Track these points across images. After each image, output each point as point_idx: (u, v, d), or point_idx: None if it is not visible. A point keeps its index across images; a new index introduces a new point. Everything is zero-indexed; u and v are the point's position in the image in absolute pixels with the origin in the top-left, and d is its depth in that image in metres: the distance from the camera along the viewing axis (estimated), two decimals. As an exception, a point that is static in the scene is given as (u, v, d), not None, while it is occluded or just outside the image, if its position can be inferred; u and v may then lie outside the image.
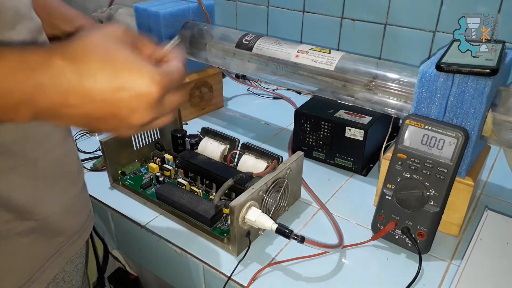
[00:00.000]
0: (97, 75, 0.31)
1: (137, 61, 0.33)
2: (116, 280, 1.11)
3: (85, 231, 0.53)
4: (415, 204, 0.53)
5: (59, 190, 0.47)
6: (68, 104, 0.31)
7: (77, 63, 0.31)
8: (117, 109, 0.32)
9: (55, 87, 0.30)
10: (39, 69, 0.30)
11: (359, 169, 0.71)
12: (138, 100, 0.32)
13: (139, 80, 0.32)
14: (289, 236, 0.51)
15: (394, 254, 0.55)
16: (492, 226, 0.57)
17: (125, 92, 0.32)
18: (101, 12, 0.99)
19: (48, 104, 0.30)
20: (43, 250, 0.47)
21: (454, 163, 0.50)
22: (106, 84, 0.31)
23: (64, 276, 0.51)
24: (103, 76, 0.31)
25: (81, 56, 0.31)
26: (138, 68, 0.32)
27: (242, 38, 0.73)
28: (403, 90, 0.57)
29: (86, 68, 0.31)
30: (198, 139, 0.70)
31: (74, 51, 0.31)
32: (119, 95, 0.32)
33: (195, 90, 0.88)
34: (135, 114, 0.33)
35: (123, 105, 0.32)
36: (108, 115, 0.32)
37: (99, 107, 0.31)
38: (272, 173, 0.57)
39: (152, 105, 0.33)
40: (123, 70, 0.32)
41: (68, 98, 0.30)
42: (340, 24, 0.94)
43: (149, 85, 0.32)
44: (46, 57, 0.30)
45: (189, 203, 0.59)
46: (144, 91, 0.32)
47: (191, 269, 0.57)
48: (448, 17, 0.80)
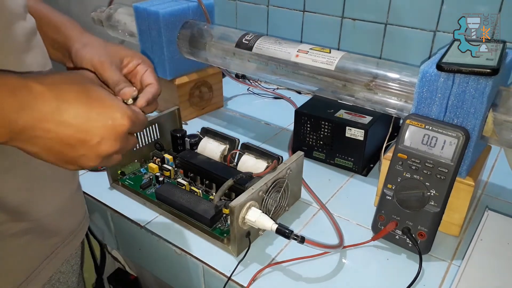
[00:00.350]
0: (74, 103, 0.34)
1: (110, 96, 0.37)
2: (116, 280, 1.11)
3: (80, 231, 0.53)
4: (416, 204, 0.52)
5: (54, 191, 0.47)
6: (42, 128, 0.32)
7: (56, 90, 0.33)
8: (89, 136, 0.34)
9: (33, 110, 0.32)
10: (19, 92, 0.31)
11: (359, 169, 0.71)
12: (110, 129, 0.35)
13: (113, 112, 0.36)
14: (289, 237, 0.51)
15: (394, 254, 0.55)
16: (492, 227, 0.57)
17: (99, 121, 0.35)
18: (100, 12, 0.99)
19: (24, 127, 0.32)
20: (38, 251, 0.47)
21: (455, 163, 0.50)
22: (82, 112, 0.34)
23: (60, 277, 0.51)
24: (79, 104, 0.34)
25: (59, 85, 0.34)
26: (112, 103, 0.36)
27: (242, 37, 0.73)
28: (404, 90, 0.57)
29: (64, 95, 0.33)
30: (198, 139, 0.70)
31: (53, 81, 0.34)
32: (93, 124, 0.35)
33: (194, 90, 0.88)
34: (104, 143, 0.35)
35: (95, 132, 0.35)
36: (79, 142, 0.34)
37: (72, 133, 0.34)
38: (272, 173, 0.56)
39: (120, 137, 0.37)
40: (99, 102, 0.35)
41: (44, 122, 0.32)
42: (341, 24, 0.93)
43: (121, 117, 0.36)
44: (25, 82, 0.32)
45: (189, 203, 0.59)
46: (118, 123, 0.36)
47: (190, 270, 0.57)
48: (449, 16, 0.80)
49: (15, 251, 0.44)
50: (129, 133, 0.38)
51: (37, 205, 0.44)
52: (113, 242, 0.69)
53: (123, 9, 0.96)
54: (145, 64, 0.50)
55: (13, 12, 0.39)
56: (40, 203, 0.45)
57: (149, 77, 0.49)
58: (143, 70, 0.49)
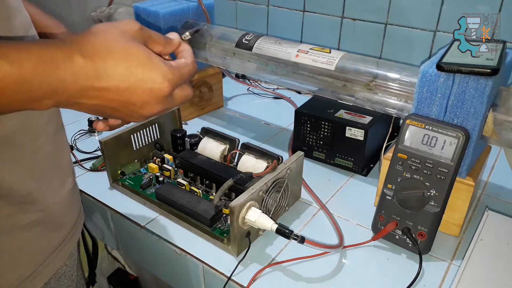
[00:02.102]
0: (113, 71, 0.34)
1: (150, 58, 0.36)
2: (116, 280, 1.11)
3: (80, 224, 0.54)
4: (416, 204, 0.52)
5: (58, 182, 0.48)
6: (86, 96, 0.34)
7: (96, 60, 0.34)
8: (130, 101, 0.36)
9: (76, 82, 0.33)
10: (63, 65, 0.33)
11: (359, 169, 0.71)
12: (150, 94, 0.36)
13: (152, 76, 0.36)
14: (289, 237, 0.51)
15: (394, 254, 0.55)
16: (492, 227, 0.57)
17: (138, 87, 0.35)
18: (100, 12, 0.99)
19: (68, 96, 0.34)
20: (46, 244, 0.47)
21: (455, 163, 0.50)
22: (121, 79, 0.35)
23: (66, 271, 0.52)
24: (119, 72, 0.34)
25: (99, 54, 0.34)
26: (151, 66, 0.36)
27: (242, 37, 0.73)
28: (404, 90, 0.57)
29: (103, 65, 0.34)
30: (198, 139, 0.70)
31: (93, 49, 0.34)
32: (132, 90, 0.35)
33: (195, 90, 0.88)
34: (145, 106, 0.36)
35: (135, 98, 0.36)
36: (121, 106, 0.36)
37: (113, 99, 0.35)
38: (272, 173, 0.56)
39: (162, 100, 0.37)
40: (138, 66, 0.35)
41: (87, 91, 0.34)
42: (341, 24, 0.93)
43: (161, 82, 0.36)
44: (68, 53, 0.33)
45: (189, 203, 0.59)
46: (156, 87, 0.36)
47: (190, 270, 0.57)
48: (449, 16, 0.80)
49: (24, 244, 0.44)
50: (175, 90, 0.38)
51: (44, 195, 0.45)
52: (113, 242, 0.69)
53: (123, 9, 0.96)
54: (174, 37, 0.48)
55: (12, 5, 0.39)
56: (46, 193, 0.46)
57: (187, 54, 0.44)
58: None
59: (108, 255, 1.12)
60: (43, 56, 0.32)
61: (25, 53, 0.32)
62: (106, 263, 1.12)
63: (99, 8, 1.00)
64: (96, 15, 1.00)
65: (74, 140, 0.81)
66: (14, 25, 0.40)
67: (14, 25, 0.40)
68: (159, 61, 0.37)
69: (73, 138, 0.81)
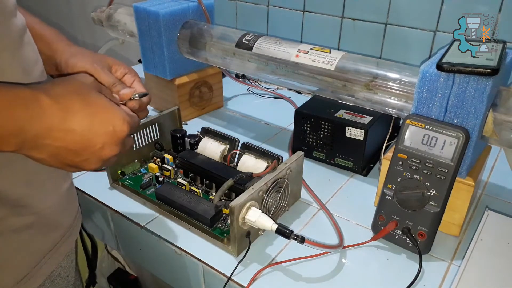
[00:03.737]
0: (78, 112, 0.37)
1: (111, 104, 0.40)
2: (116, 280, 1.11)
3: (76, 226, 0.54)
4: (416, 204, 0.52)
5: (52, 185, 0.48)
6: (51, 136, 0.36)
7: (61, 102, 0.36)
8: (93, 142, 0.38)
9: (43, 121, 0.35)
10: (31, 104, 0.34)
11: (359, 169, 0.71)
12: (112, 135, 0.39)
13: (114, 119, 0.39)
14: (289, 237, 0.51)
15: (394, 254, 0.55)
16: (492, 226, 0.57)
17: (102, 128, 0.38)
18: (100, 12, 0.99)
19: (34, 135, 0.35)
20: (39, 246, 0.47)
21: (455, 163, 0.50)
22: (86, 120, 0.37)
23: (61, 272, 0.52)
24: (83, 113, 0.37)
25: (64, 97, 0.37)
26: (113, 110, 0.39)
27: (242, 37, 0.73)
28: (404, 90, 0.57)
29: (69, 106, 0.37)
30: (198, 139, 0.70)
31: (58, 93, 0.37)
32: (96, 130, 0.38)
33: (195, 90, 0.88)
34: (105, 148, 0.39)
35: (97, 140, 0.38)
36: (82, 149, 0.38)
37: (76, 140, 0.37)
38: (272, 173, 0.56)
39: (121, 141, 0.40)
40: (100, 109, 0.39)
41: (52, 132, 0.36)
42: (341, 24, 0.93)
43: (122, 124, 0.39)
44: (36, 94, 0.35)
45: (189, 203, 0.59)
46: (118, 129, 0.39)
47: (190, 270, 0.57)
48: (449, 16, 0.80)
49: (17, 247, 0.44)
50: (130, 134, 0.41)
51: (37, 199, 0.45)
52: (113, 242, 0.69)
53: (123, 9, 0.96)
54: (131, 73, 0.53)
55: (6, 9, 0.40)
56: (39, 197, 0.46)
57: (137, 86, 0.52)
58: (131, 79, 0.53)
59: (108, 255, 1.12)
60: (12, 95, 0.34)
61: None
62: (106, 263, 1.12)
63: (99, 8, 1.00)
64: (96, 15, 1.00)
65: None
66: (10, 29, 0.40)
67: (10, 29, 0.40)
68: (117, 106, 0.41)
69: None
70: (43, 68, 0.47)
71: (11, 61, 0.40)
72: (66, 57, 0.50)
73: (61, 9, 1.71)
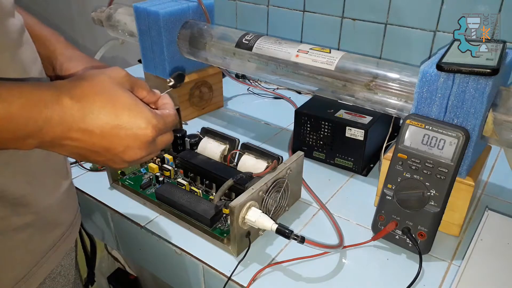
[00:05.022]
0: (99, 114, 0.35)
1: (136, 104, 0.37)
2: (116, 280, 1.11)
3: (76, 224, 0.54)
4: (416, 204, 0.52)
5: (52, 184, 0.48)
6: (69, 137, 0.35)
7: (83, 103, 0.35)
8: (113, 145, 0.36)
9: (62, 123, 0.34)
10: (50, 106, 0.34)
11: (359, 169, 0.71)
12: (134, 139, 0.37)
13: (137, 121, 0.37)
14: (289, 237, 0.51)
15: (394, 254, 0.55)
16: (492, 227, 0.57)
17: (123, 130, 0.36)
18: (100, 12, 0.99)
19: (53, 137, 0.34)
20: (40, 245, 0.47)
21: (455, 163, 0.50)
22: (106, 122, 0.35)
23: (61, 271, 0.52)
24: (104, 115, 0.35)
25: (87, 97, 0.35)
26: (137, 111, 0.37)
27: (242, 37, 0.73)
28: (404, 90, 0.57)
29: (90, 108, 0.35)
30: (198, 139, 0.70)
31: (81, 91, 0.36)
32: (116, 133, 0.36)
33: (195, 90, 0.88)
34: (128, 151, 0.37)
35: (118, 142, 0.36)
36: (103, 150, 0.36)
37: (95, 143, 0.36)
38: (272, 173, 0.56)
39: (145, 145, 0.38)
40: (123, 111, 0.36)
41: (71, 133, 0.35)
42: (341, 24, 0.93)
43: (145, 127, 0.37)
44: (56, 95, 0.34)
45: (189, 203, 0.59)
46: (141, 132, 0.37)
47: (190, 270, 0.57)
48: (449, 16, 0.80)
49: (17, 246, 0.44)
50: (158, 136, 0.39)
51: (37, 198, 0.45)
52: (113, 242, 0.69)
53: (123, 9, 0.96)
54: None
55: (4, 9, 0.40)
56: (40, 196, 0.46)
57: None
58: None
59: (108, 255, 1.12)
60: (32, 96, 0.33)
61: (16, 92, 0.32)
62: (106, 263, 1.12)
63: (99, 8, 1.00)
64: (96, 15, 1.00)
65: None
66: (9, 29, 0.40)
67: (9, 29, 0.40)
68: (145, 107, 0.38)
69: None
70: (41, 68, 0.47)
71: (10, 61, 0.40)
72: (62, 60, 0.50)
73: (61, 9, 1.71)
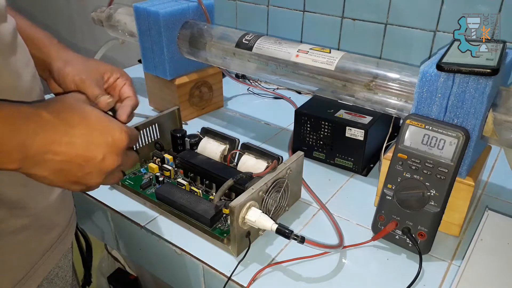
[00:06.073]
0: (78, 125, 0.38)
1: (107, 116, 0.41)
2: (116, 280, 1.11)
3: (72, 225, 0.54)
4: (416, 204, 0.52)
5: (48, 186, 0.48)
6: (52, 151, 0.36)
7: (61, 116, 0.37)
8: (94, 153, 0.38)
9: (44, 135, 0.35)
10: (32, 119, 0.35)
11: (359, 169, 0.71)
12: (112, 145, 0.39)
13: (112, 129, 0.40)
14: (289, 237, 0.51)
15: (394, 254, 0.55)
16: (492, 227, 0.57)
17: (101, 139, 0.38)
18: (100, 12, 0.99)
19: (37, 150, 0.35)
20: (37, 247, 0.47)
21: (455, 163, 0.50)
22: (86, 133, 0.38)
23: (58, 272, 0.52)
24: (83, 126, 0.38)
25: (64, 111, 0.38)
26: (109, 121, 0.40)
27: (242, 37, 0.73)
28: (404, 90, 0.57)
29: (69, 120, 0.37)
30: (198, 139, 0.70)
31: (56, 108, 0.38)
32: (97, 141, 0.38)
33: (195, 90, 0.88)
34: (107, 158, 0.39)
35: (98, 150, 0.38)
36: (85, 160, 0.38)
37: (79, 152, 0.37)
38: (272, 173, 0.56)
39: (121, 151, 0.40)
40: (98, 122, 0.39)
41: (54, 145, 0.36)
42: (341, 24, 0.93)
43: (120, 133, 0.40)
44: (35, 110, 0.36)
45: (189, 203, 0.59)
46: (117, 138, 0.39)
47: (190, 270, 0.57)
48: (449, 16, 0.80)
49: (15, 248, 0.44)
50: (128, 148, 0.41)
51: (34, 200, 0.45)
52: (113, 242, 0.69)
53: (123, 9, 0.96)
54: (123, 77, 0.53)
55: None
56: (36, 198, 0.46)
57: (127, 90, 0.53)
58: (122, 83, 0.53)
59: (108, 255, 1.12)
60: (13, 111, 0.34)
61: None
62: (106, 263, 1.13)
63: (99, 8, 1.00)
64: (96, 15, 1.00)
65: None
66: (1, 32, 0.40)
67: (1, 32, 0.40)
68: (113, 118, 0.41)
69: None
70: (35, 71, 0.47)
71: (3, 65, 0.40)
72: (58, 66, 0.50)
73: (60, 9, 1.71)
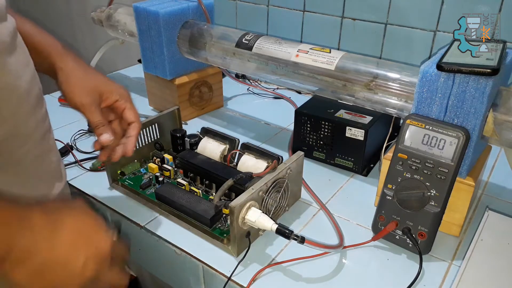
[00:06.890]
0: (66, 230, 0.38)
1: (98, 226, 0.41)
2: (116, 280, 1.11)
3: None
4: (416, 205, 0.52)
5: (45, 187, 0.48)
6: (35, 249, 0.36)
7: (52, 216, 0.37)
8: (75, 257, 0.38)
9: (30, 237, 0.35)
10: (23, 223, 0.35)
11: (359, 169, 0.71)
12: (94, 252, 0.39)
13: (98, 239, 0.40)
14: (289, 237, 0.51)
15: (394, 254, 0.55)
16: (493, 227, 0.57)
17: (86, 245, 0.39)
18: (100, 12, 0.99)
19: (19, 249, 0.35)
20: None
21: (455, 163, 0.50)
22: (72, 238, 0.38)
23: None
24: (70, 232, 0.38)
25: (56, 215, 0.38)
26: (99, 231, 0.41)
27: (242, 37, 0.73)
28: (404, 89, 0.57)
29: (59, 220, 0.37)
30: (197, 139, 0.70)
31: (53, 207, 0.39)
32: (80, 247, 0.38)
33: (194, 90, 0.88)
34: (87, 264, 0.38)
35: (80, 254, 0.38)
36: (64, 263, 0.37)
37: (60, 253, 0.37)
38: (272, 173, 0.56)
39: (101, 261, 0.40)
40: (87, 229, 0.40)
41: (37, 243, 0.36)
42: (341, 24, 0.93)
43: (105, 243, 0.40)
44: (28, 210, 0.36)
45: (188, 204, 0.59)
46: (101, 246, 0.40)
47: (190, 270, 0.57)
48: (449, 16, 0.80)
49: None
50: (115, 266, 0.41)
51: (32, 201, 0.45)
52: (113, 242, 0.69)
53: (123, 9, 0.96)
54: (122, 99, 0.54)
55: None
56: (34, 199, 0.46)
57: (130, 114, 0.54)
58: (122, 106, 0.54)
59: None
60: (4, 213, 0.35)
61: None
62: (106, 263, 1.12)
63: (99, 8, 1.00)
64: (96, 15, 1.00)
65: (73, 140, 0.81)
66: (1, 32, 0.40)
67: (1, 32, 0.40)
68: (105, 229, 0.42)
69: (72, 138, 0.81)
70: (34, 71, 0.47)
71: (2, 65, 0.40)
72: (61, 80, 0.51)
73: (61, 9, 1.71)
